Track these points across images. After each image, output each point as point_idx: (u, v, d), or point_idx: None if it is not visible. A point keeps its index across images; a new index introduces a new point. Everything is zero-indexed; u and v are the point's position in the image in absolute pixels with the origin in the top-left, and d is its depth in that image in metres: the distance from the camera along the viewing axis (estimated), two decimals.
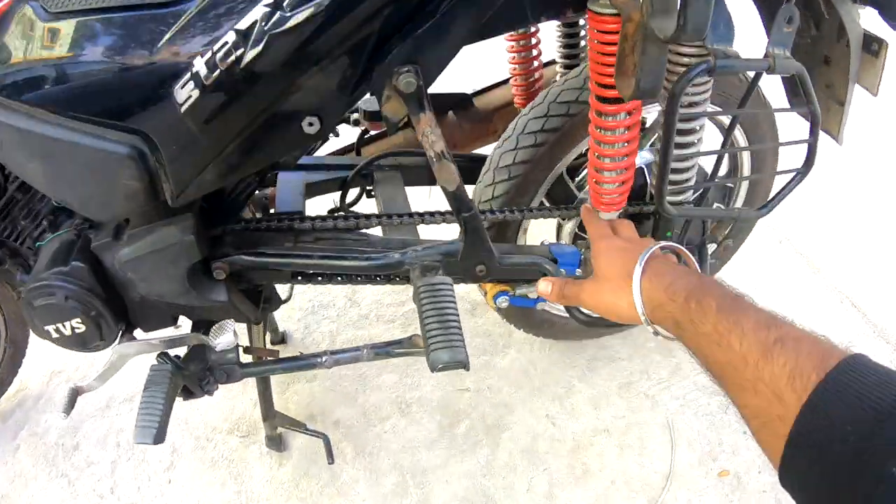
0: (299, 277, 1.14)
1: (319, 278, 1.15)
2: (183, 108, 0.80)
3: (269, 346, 1.62)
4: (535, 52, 1.36)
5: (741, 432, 1.38)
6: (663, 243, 0.86)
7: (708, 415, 1.43)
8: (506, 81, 1.45)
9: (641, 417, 1.43)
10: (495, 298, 1.18)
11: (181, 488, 1.38)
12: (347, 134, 1.43)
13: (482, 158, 1.25)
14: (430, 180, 1.30)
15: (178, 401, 1.48)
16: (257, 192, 1.21)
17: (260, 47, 0.74)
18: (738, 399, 0.58)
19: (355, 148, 1.38)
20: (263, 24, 0.73)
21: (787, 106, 1.10)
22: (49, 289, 0.99)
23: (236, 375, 1.14)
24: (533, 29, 1.34)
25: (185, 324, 1.11)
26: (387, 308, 1.74)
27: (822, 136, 1.01)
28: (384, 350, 1.14)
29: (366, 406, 1.49)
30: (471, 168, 1.23)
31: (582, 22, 1.29)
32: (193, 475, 1.40)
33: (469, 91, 1.43)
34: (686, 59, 0.92)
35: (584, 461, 1.37)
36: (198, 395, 1.16)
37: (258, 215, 1.23)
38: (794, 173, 1.03)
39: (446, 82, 1.02)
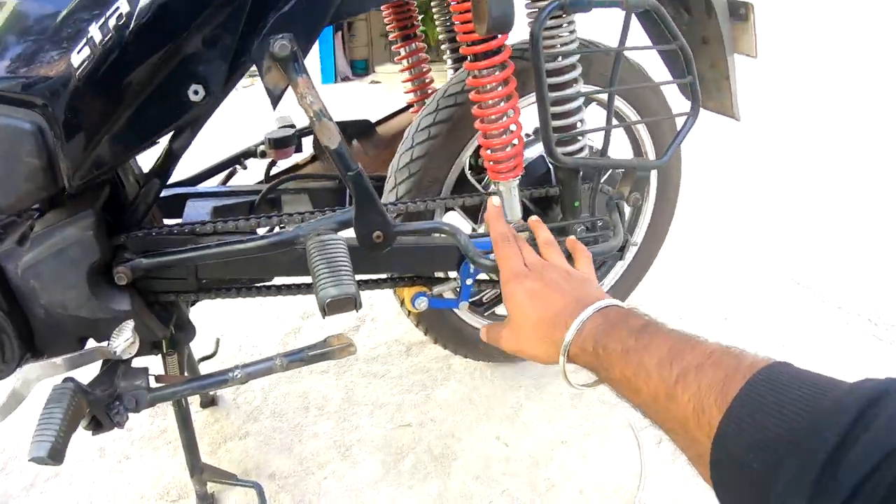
0: (207, 289, 1.12)
1: (228, 290, 1.13)
2: (78, 73, 0.84)
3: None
4: (424, 66, 1.46)
5: None
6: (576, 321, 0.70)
7: None
8: (406, 109, 1.51)
9: (600, 424, 1.38)
10: (413, 301, 1.16)
11: None
12: (255, 168, 1.46)
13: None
14: (338, 202, 1.32)
15: (107, 474, 1.41)
16: None
17: (142, 14, 0.81)
18: (668, 436, 0.56)
19: (264, 177, 1.40)
20: None
21: (671, 79, 1.16)
22: None
23: (144, 401, 1.08)
24: (418, 34, 1.44)
25: None
26: (322, 364, 1.66)
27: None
28: (297, 356, 1.09)
29: (303, 455, 1.40)
30: (378, 187, 1.25)
31: None
32: None
33: (372, 120, 1.49)
34: (543, 3, 0.97)
35: (546, 476, 1.29)
36: (106, 427, 1.08)
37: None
38: (685, 118, 1.07)
39: None
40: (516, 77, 1.05)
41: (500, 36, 0.99)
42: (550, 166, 1.29)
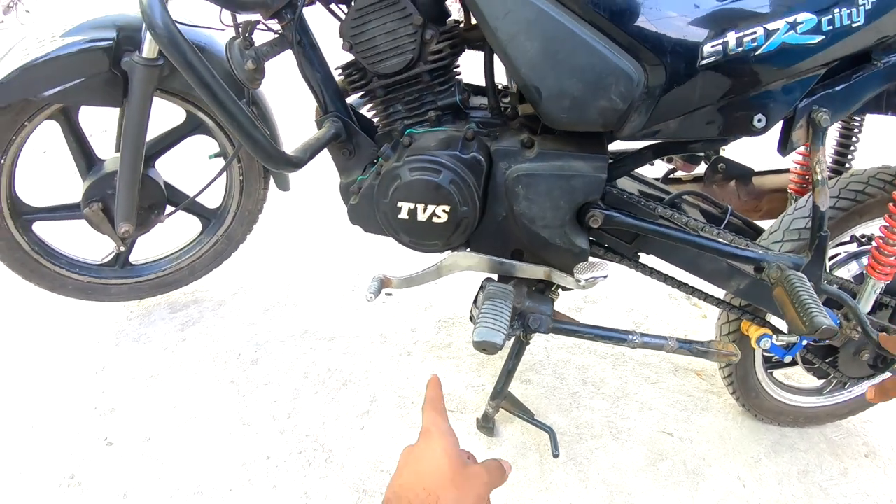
0: (630, 258, 1.25)
1: (644, 267, 1.25)
2: (700, 62, 0.98)
3: None
4: None
5: None
6: None
7: None
8: (785, 171, 1.64)
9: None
10: (759, 340, 1.32)
11: (370, 437, 1.39)
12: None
13: (755, 226, 1.43)
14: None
15: (387, 361, 1.52)
16: None
17: (762, 50, 0.97)
18: None
19: (662, 178, 1.54)
20: (780, 34, 0.96)
21: None
22: (437, 165, 1.06)
23: (546, 327, 1.19)
24: None
25: None
26: (601, 346, 1.81)
27: None
28: (686, 346, 1.23)
29: (579, 420, 1.54)
30: (740, 229, 1.40)
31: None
32: (387, 429, 1.41)
33: (756, 168, 1.60)
34: None
35: None
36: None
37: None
38: None
39: None
40: None
41: None
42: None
